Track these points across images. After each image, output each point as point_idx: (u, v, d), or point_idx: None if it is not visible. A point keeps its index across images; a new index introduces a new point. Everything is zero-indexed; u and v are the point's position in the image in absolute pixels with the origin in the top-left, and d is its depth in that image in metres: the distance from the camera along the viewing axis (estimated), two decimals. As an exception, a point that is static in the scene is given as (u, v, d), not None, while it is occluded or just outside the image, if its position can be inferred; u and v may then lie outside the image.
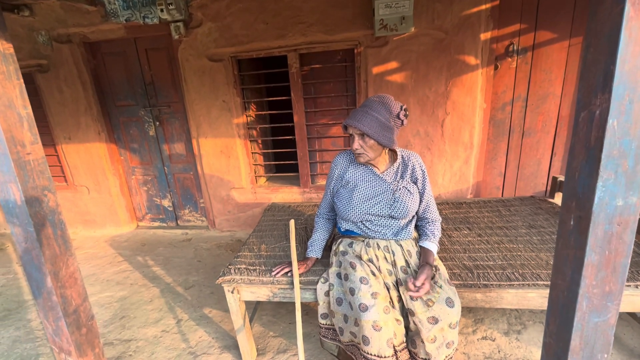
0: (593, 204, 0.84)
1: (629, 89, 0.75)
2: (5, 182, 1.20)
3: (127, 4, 2.63)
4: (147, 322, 2.12)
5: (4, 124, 1.15)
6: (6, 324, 2.18)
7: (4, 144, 1.16)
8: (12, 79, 1.19)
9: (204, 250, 3.00)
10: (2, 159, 1.18)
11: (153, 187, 3.39)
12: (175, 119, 3.10)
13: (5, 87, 1.16)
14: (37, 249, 1.27)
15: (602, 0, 0.78)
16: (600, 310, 0.95)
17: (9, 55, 1.18)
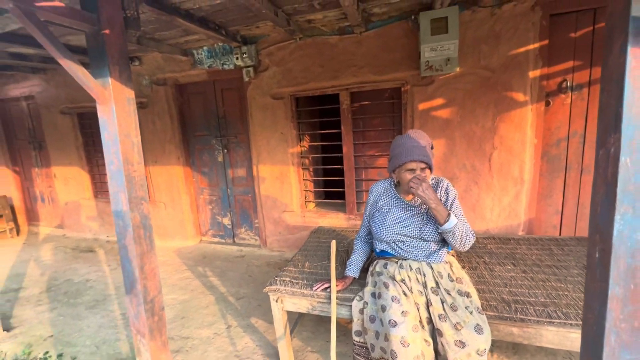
0: (612, 236, 0.89)
1: (637, 129, 0.83)
2: (118, 192, 1.58)
3: (210, 54, 3.21)
4: (202, 324, 2.39)
5: (122, 148, 1.55)
6: (94, 312, 2.63)
7: (120, 163, 1.55)
8: (131, 116, 1.61)
9: (255, 266, 3.27)
10: (118, 174, 1.57)
11: (217, 206, 3.84)
12: (240, 148, 3.56)
13: (126, 122, 1.57)
14: (132, 245, 1.62)
15: (610, 51, 0.90)
16: (631, 347, 0.95)
17: (131, 99, 1.61)
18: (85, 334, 2.35)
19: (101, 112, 1.53)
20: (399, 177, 1.64)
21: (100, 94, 1.50)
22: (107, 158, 1.57)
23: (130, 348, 2.17)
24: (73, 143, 4.27)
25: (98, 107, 1.54)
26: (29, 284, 3.21)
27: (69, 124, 4.21)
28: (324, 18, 2.56)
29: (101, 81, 1.50)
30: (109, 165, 1.57)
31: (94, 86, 1.47)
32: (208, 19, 2.48)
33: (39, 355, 2.15)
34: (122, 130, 1.55)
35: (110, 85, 1.49)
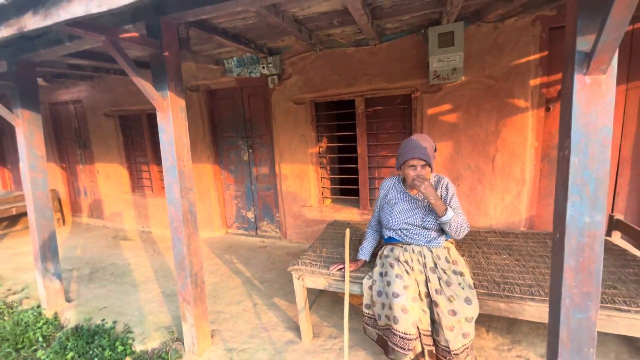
0: (566, 219, 1.16)
1: (582, 136, 1.10)
2: (172, 183, 1.94)
3: (239, 63, 3.57)
4: (231, 302, 2.74)
5: (176, 148, 1.90)
6: (139, 290, 3.03)
7: (174, 160, 1.91)
8: (182, 122, 1.96)
9: (276, 256, 3.61)
10: (172, 169, 1.92)
11: (241, 201, 4.21)
12: (264, 148, 3.91)
13: (179, 127, 1.92)
14: (181, 227, 1.97)
15: (565, 75, 1.17)
16: (581, 308, 1.21)
17: (183, 108, 1.96)
18: (133, 307, 2.74)
19: (160, 118, 1.89)
20: (404, 173, 1.92)
21: (161, 104, 1.86)
22: (163, 155, 1.93)
23: (172, 318, 2.54)
24: (114, 142, 4.76)
25: (158, 114, 1.90)
26: (79, 265, 3.67)
27: (112, 125, 4.70)
28: (342, 32, 2.86)
29: (161, 93, 1.86)
30: (165, 162, 1.93)
31: (156, 97, 1.84)
32: (240, 35, 2.83)
33: (98, 321, 2.55)
34: (176, 133, 1.91)
35: (169, 97, 1.85)
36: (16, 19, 1.39)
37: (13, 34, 1.42)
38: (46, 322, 2.63)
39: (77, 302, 2.87)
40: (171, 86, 1.87)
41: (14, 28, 1.41)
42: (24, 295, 3.08)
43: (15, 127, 2.54)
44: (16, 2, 1.30)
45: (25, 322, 2.63)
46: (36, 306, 2.82)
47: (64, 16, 1.26)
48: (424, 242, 1.88)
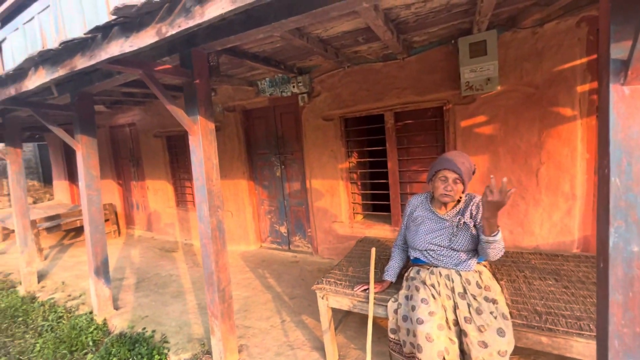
0: (609, 247, 1.03)
1: (623, 153, 0.98)
2: (201, 202, 2.04)
3: (271, 84, 3.71)
4: (261, 317, 2.77)
5: (206, 168, 2.01)
6: (177, 300, 3.20)
7: (204, 180, 2.01)
8: (212, 143, 2.06)
9: (307, 271, 3.61)
10: (202, 188, 2.03)
11: (275, 216, 4.30)
12: (295, 164, 3.99)
13: (209, 148, 2.03)
14: (210, 244, 2.06)
15: (600, 86, 1.06)
16: (634, 352, 1.05)
17: (212, 131, 2.08)
18: (171, 317, 2.90)
19: (191, 140, 2.02)
20: (433, 186, 1.83)
21: (191, 128, 1.99)
22: (194, 175, 2.05)
23: (204, 331, 2.63)
24: (162, 160, 5.16)
25: (189, 137, 2.03)
26: (128, 275, 3.98)
27: (160, 145, 5.11)
28: (369, 48, 2.86)
29: (192, 118, 1.99)
30: (196, 182, 2.05)
31: (187, 122, 1.97)
32: (270, 57, 2.96)
33: (139, 330, 2.73)
34: (206, 154, 2.02)
35: (199, 121, 1.98)
36: (69, 60, 1.59)
37: (66, 73, 1.63)
38: (96, 327, 2.87)
39: (123, 310, 3.10)
40: (201, 111, 1.99)
41: (67, 68, 1.61)
42: (81, 301, 3.40)
43: (76, 150, 2.87)
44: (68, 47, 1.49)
45: (79, 327, 2.90)
46: (89, 312, 3.10)
47: (104, 56, 1.42)
48: (452, 265, 1.76)
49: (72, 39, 1.46)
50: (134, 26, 1.29)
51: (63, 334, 2.85)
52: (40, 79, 1.79)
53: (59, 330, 2.94)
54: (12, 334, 3.03)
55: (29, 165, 8.90)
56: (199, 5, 1.08)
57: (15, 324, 3.20)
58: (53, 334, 2.89)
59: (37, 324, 3.14)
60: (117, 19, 1.25)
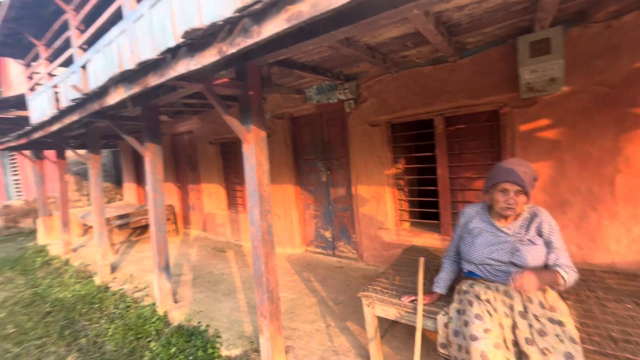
0: None
1: None
2: (253, 206, 2.15)
3: (318, 91, 3.80)
4: (306, 320, 2.82)
5: (257, 173, 2.11)
6: (228, 298, 3.38)
7: (255, 184, 2.11)
8: (263, 150, 2.17)
9: (352, 277, 3.60)
10: (254, 193, 2.13)
11: (320, 221, 4.36)
12: (341, 170, 4.02)
13: (260, 155, 2.14)
14: (260, 246, 2.15)
15: None
16: None
17: (264, 138, 2.18)
18: (223, 314, 3.07)
19: (245, 148, 2.15)
20: (492, 199, 1.73)
21: (245, 136, 2.11)
22: (247, 181, 2.17)
23: (253, 329, 2.75)
24: (215, 166, 5.52)
25: (243, 145, 2.16)
26: (185, 271, 4.30)
27: (214, 151, 5.48)
28: (418, 52, 2.80)
29: (246, 127, 2.11)
30: (248, 187, 2.17)
31: (241, 130, 2.10)
32: (317, 66, 3.03)
33: (195, 323, 2.93)
34: (258, 161, 2.13)
35: (252, 130, 2.09)
36: (143, 78, 1.79)
37: (140, 89, 1.84)
38: (158, 318, 3.15)
39: (181, 304, 3.36)
40: (254, 120, 2.11)
41: (141, 85, 1.82)
42: (145, 293, 3.75)
43: (144, 156, 3.19)
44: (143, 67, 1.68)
45: (144, 316, 3.20)
46: (152, 304, 3.40)
47: (173, 74, 1.58)
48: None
49: (146, 60, 1.65)
50: (198, 47, 1.43)
51: (131, 321, 3.16)
52: (120, 95, 2.04)
53: (127, 318, 3.27)
54: (90, 319, 3.44)
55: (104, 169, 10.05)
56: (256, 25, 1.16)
57: (92, 309, 3.62)
58: (122, 321, 3.22)
59: (110, 311, 3.52)
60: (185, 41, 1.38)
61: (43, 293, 4.20)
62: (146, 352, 2.69)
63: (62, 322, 3.40)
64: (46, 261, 5.57)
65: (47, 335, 3.19)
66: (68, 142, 5.10)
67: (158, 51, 1.63)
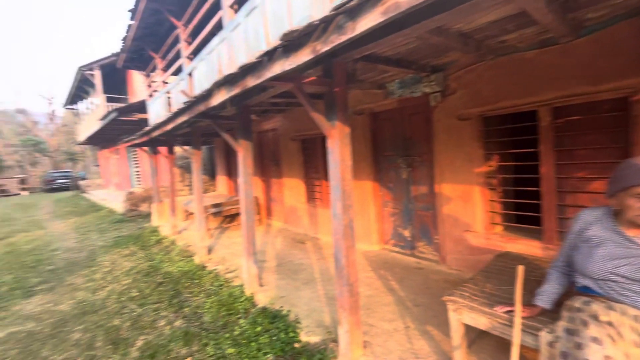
0: None
1: None
2: (336, 200, 2.20)
3: (400, 85, 3.68)
4: (383, 318, 2.79)
5: (340, 169, 2.15)
6: (307, 287, 3.54)
7: (338, 179, 2.16)
8: (346, 146, 2.20)
9: (432, 280, 3.42)
10: (336, 187, 2.18)
11: (398, 219, 4.24)
12: (423, 167, 3.83)
13: (343, 151, 2.17)
14: (342, 240, 2.20)
15: None
16: None
17: (347, 134, 2.20)
18: (302, 301, 3.23)
19: (329, 144, 2.21)
20: (621, 204, 1.45)
21: (329, 132, 2.17)
22: (330, 176, 2.23)
23: (331, 320, 2.83)
24: (296, 161, 5.81)
25: (327, 140, 2.22)
26: (268, 259, 4.64)
27: (295, 147, 5.77)
28: (520, 36, 2.49)
29: (331, 123, 2.17)
30: (331, 181, 2.22)
31: (326, 127, 2.16)
32: (402, 59, 2.93)
33: (277, 307, 3.15)
34: (341, 156, 2.17)
35: (337, 126, 2.14)
36: (242, 81, 1.98)
37: (240, 91, 2.03)
38: (246, 298, 3.48)
39: (266, 288, 3.64)
40: (339, 116, 2.15)
41: (240, 87, 2.01)
42: (235, 275, 4.18)
43: (237, 152, 3.54)
44: (244, 70, 1.86)
45: (234, 295, 3.57)
46: (241, 285, 3.77)
47: (269, 75, 1.71)
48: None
49: (246, 64, 1.81)
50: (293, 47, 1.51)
51: (223, 298, 3.56)
52: (222, 97, 2.29)
53: (220, 295, 3.69)
54: (191, 292, 3.98)
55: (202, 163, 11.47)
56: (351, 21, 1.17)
57: (193, 284, 4.18)
58: (217, 297, 3.64)
59: (206, 287, 4.01)
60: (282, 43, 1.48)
61: (156, 266, 5.01)
62: (236, 327, 2.99)
63: (171, 292, 4.00)
64: (158, 240, 6.62)
65: (160, 302, 3.80)
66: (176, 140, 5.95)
67: (252, 55, 1.79)
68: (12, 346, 3.11)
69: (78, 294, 4.23)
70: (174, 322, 3.31)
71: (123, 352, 2.83)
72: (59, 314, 3.71)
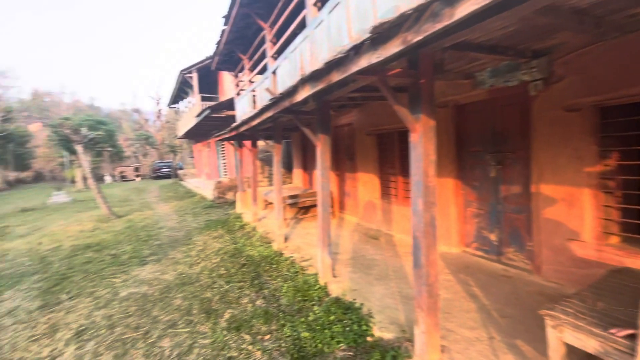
0: None
1: None
2: (417, 196, 2.12)
3: (492, 74, 3.33)
4: (464, 325, 2.61)
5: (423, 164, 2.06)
6: (380, 283, 3.51)
7: (421, 175, 2.08)
8: (431, 140, 2.10)
9: (523, 291, 3.07)
10: (418, 183, 2.11)
11: (483, 221, 3.89)
12: (516, 164, 3.43)
13: (427, 145, 2.08)
14: (422, 238, 2.12)
15: None
16: None
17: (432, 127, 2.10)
18: (375, 297, 3.22)
19: (412, 138, 2.14)
20: None
21: (413, 125, 2.09)
22: (412, 171, 2.16)
23: (404, 318, 2.76)
24: (371, 156, 5.76)
25: (410, 134, 2.15)
26: (341, 251, 4.73)
27: (371, 142, 5.72)
28: (659, 6, 2.03)
29: (415, 116, 2.09)
30: (413, 177, 2.15)
31: (410, 120, 2.09)
32: (497, 45, 2.65)
33: (350, 299, 3.20)
34: (425, 151, 2.08)
35: (421, 119, 2.06)
36: (327, 76, 2.04)
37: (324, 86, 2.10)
38: (320, 287, 3.61)
39: (338, 279, 3.73)
40: (424, 109, 2.06)
41: (325, 82, 2.07)
42: (309, 264, 4.36)
43: (316, 146, 3.66)
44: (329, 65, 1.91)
45: (308, 283, 3.73)
46: (315, 274, 3.92)
47: (354, 69, 1.72)
48: None
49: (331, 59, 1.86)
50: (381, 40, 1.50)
51: (298, 285, 3.75)
52: (306, 93, 2.40)
53: (296, 281, 3.90)
54: (270, 275, 4.29)
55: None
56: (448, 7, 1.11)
57: (271, 269, 4.50)
58: (292, 283, 3.86)
59: (283, 272, 4.28)
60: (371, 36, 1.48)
61: (240, 249, 5.52)
62: (310, 313, 3.13)
63: (252, 274, 4.38)
64: (241, 225, 7.28)
65: (243, 281, 4.19)
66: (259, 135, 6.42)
67: (334, 51, 1.82)
68: (131, 304, 3.78)
69: (178, 267, 4.93)
70: (255, 300, 3.62)
71: (214, 321, 3.22)
72: (164, 282, 4.38)
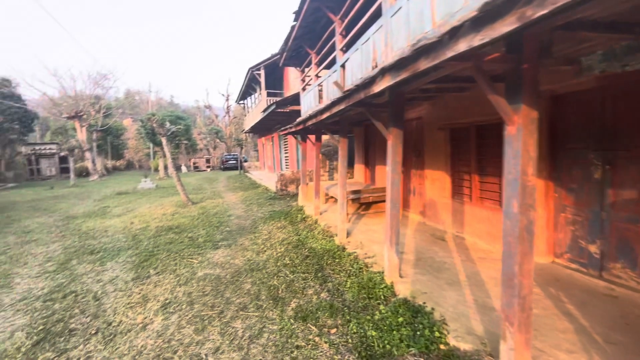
0: None
1: None
2: (511, 197, 1.89)
3: (604, 57, 2.82)
4: (559, 346, 2.29)
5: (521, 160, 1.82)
6: (452, 289, 3.27)
7: (517, 173, 1.84)
8: (532, 133, 1.83)
9: (635, 315, 2.58)
10: (514, 182, 1.87)
11: (581, 229, 3.37)
12: (632, 165, 2.88)
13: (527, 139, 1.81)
14: (515, 244, 1.88)
15: None
16: None
17: (534, 119, 1.84)
18: (448, 302, 3.00)
19: (509, 131, 1.90)
20: None
21: (511, 117, 1.86)
22: (506, 168, 1.93)
23: (484, 330, 2.52)
24: (443, 152, 5.39)
25: (506, 127, 1.91)
26: (407, 251, 4.53)
27: (442, 137, 5.35)
28: None
29: (514, 107, 1.85)
30: (507, 175, 1.92)
31: (507, 111, 1.86)
32: (617, 21, 2.22)
33: (419, 302, 3.03)
34: (524, 146, 1.83)
35: (521, 110, 1.81)
36: (413, 64, 1.90)
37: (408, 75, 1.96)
38: (385, 286, 3.49)
39: (405, 280, 3.57)
40: (525, 98, 1.81)
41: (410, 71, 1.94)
42: (374, 261, 4.26)
43: (387, 140, 3.53)
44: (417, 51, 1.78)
45: (374, 281, 3.64)
46: (380, 272, 3.81)
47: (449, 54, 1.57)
48: None
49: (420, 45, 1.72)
50: (488, 18, 1.33)
51: (363, 282, 3.68)
52: (386, 83, 2.29)
53: (360, 277, 3.83)
54: (333, 269, 4.29)
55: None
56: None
57: (334, 262, 4.49)
58: (356, 279, 3.80)
59: (346, 267, 4.24)
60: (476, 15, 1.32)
61: (303, 241, 5.64)
62: (376, 312, 3.04)
63: (315, 266, 4.43)
64: (303, 218, 7.44)
65: (307, 272, 4.26)
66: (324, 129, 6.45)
67: (412, 39, 1.67)
68: (207, 284, 4.10)
69: (247, 253, 5.22)
70: (319, 293, 3.65)
71: (281, 309, 3.32)
72: (235, 266, 4.67)
